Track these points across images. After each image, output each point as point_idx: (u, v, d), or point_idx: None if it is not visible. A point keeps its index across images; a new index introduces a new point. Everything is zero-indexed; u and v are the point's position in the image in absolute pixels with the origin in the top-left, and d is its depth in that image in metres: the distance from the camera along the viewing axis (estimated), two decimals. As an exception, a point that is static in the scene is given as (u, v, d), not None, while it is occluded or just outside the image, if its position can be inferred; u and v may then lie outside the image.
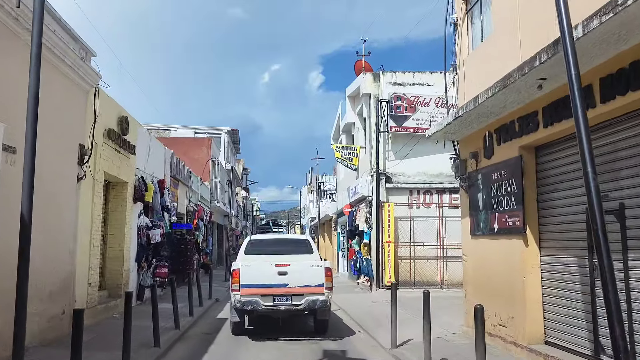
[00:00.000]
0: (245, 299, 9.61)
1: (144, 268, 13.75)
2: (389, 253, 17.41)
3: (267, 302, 9.59)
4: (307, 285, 9.71)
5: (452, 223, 17.72)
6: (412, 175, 18.20)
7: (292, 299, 9.66)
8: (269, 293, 9.61)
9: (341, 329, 11.26)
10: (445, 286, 17.47)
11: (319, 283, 9.75)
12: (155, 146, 15.55)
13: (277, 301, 9.65)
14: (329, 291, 9.86)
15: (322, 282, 9.76)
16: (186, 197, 20.97)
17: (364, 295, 17.13)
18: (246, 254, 11.07)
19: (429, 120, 18.06)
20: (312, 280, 9.72)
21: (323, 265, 10.09)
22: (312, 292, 9.67)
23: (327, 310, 10.04)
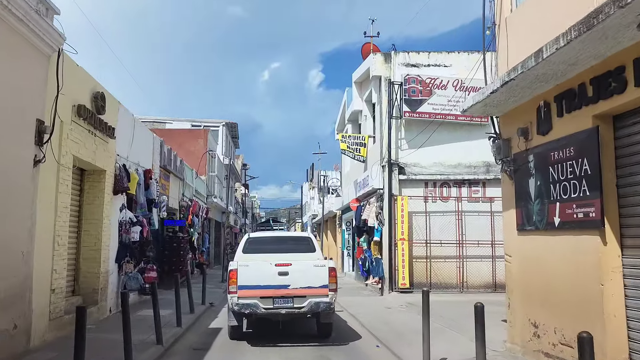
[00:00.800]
0: (243, 302, 8.95)
1: (125, 270, 12.00)
2: (403, 252, 15.68)
3: (266, 305, 8.94)
4: (310, 287, 9.03)
5: (473, 218, 16.01)
6: (428, 166, 16.46)
7: (294, 301, 8.99)
8: (268, 295, 8.96)
9: (353, 340, 9.57)
10: (465, 289, 15.74)
11: (323, 284, 9.05)
12: (142, 132, 13.80)
13: (278, 304, 8.99)
14: (333, 293, 9.16)
15: (326, 283, 9.06)
16: (179, 191, 19.23)
17: (374, 300, 15.39)
18: (244, 253, 10.34)
19: (446, 104, 16.33)
20: (316, 281, 9.05)
21: (327, 264, 9.35)
22: (315, 293, 8.99)
23: (332, 313, 9.39)
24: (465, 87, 16.35)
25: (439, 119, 16.23)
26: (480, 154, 16.50)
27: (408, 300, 14.18)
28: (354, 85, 21.03)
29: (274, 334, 9.88)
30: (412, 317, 11.51)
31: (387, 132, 16.28)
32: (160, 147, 15.89)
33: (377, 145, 17.63)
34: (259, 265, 9.27)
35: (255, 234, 12.24)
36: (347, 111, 23.10)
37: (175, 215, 18.91)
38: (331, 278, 9.13)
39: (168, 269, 18.19)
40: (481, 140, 16.39)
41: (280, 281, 8.98)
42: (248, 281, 8.98)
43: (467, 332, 9.59)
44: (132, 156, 12.80)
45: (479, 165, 16.50)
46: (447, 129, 16.30)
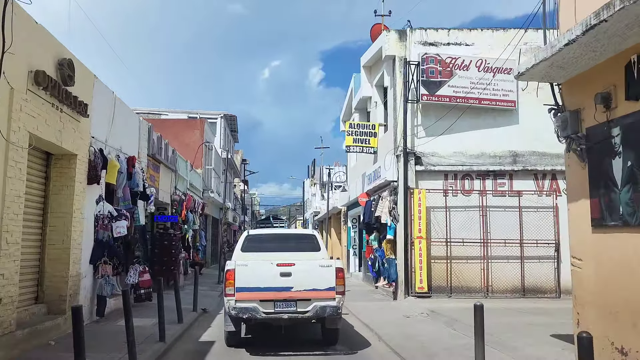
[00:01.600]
0: (241, 306, 8.27)
1: (102, 272, 10.27)
2: (420, 251, 13.96)
3: (267, 309, 8.29)
4: (315, 289, 8.39)
5: (498, 215, 14.31)
6: (447, 155, 14.72)
7: (297, 305, 8.35)
8: (269, 298, 8.32)
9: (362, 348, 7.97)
10: (490, 293, 14.02)
11: (329, 286, 8.40)
12: (125, 114, 12.06)
13: (280, 307, 8.34)
14: (340, 296, 8.47)
15: (333, 285, 8.40)
16: (171, 184, 17.50)
17: (388, 306, 13.67)
18: (243, 252, 9.54)
19: (468, 87, 14.59)
20: (321, 283, 8.41)
21: (334, 264, 8.65)
22: (320, 296, 8.35)
23: (339, 318, 8.66)
24: (490, 68, 14.62)
25: (460, 102, 14.49)
26: (506, 143, 14.81)
27: (428, 306, 12.46)
28: (362, 70, 19.28)
29: (276, 341, 9.13)
30: (440, 330, 9.80)
31: (403, 117, 14.54)
32: (149, 133, 14.15)
33: (390, 133, 15.91)
34: (259, 265, 8.58)
35: (255, 231, 11.06)
36: (354, 99, 21.35)
37: (166, 210, 17.20)
38: (338, 280, 8.44)
39: (158, 269, 16.46)
40: (507, 127, 14.75)
41: (283, 283, 8.31)
42: (247, 282, 8.31)
43: (513, 350, 7.89)
44: (113, 140, 11.07)
45: (504, 155, 14.77)
46: (469, 114, 14.57)
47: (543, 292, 14.05)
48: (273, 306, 8.28)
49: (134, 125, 12.96)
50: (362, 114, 20.82)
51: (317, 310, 8.24)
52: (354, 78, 21.65)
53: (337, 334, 8.94)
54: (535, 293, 14.02)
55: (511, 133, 14.81)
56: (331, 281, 8.38)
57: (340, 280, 8.45)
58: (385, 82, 16.54)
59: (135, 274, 12.02)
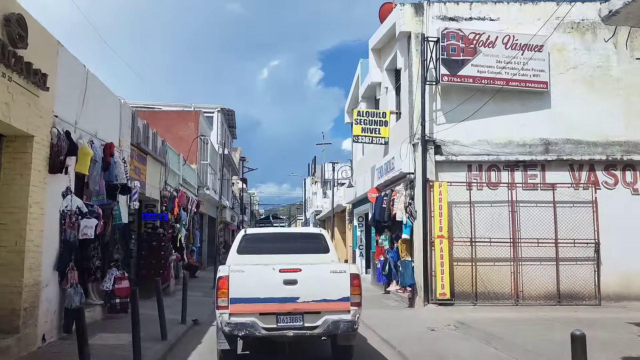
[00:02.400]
0: (237, 320, 6.84)
1: (71, 280, 8.57)
2: (442, 253, 12.27)
3: (268, 324, 6.89)
4: (326, 300, 6.96)
5: (530, 210, 12.66)
6: (471, 144, 13.03)
7: (305, 319, 6.93)
8: (271, 311, 6.91)
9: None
10: (520, 300, 12.34)
11: (343, 296, 6.99)
12: (101, 93, 10.36)
13: (283, 322, 6.91)
14: (356, 308, 7.04)
15: (348, 295, 6.99)
16: (160, 178, 15.80)
17: (405, 314, 11.98)
18: (239, 254, 8.26)
19: (494, 66, 12.90)
20: (333, 293, 7.00)
21: (348, 270, 7.19)
22: (332, 309, 6.96)
23: (354, 334, 7.28)
24: (519, 45, 12.93)
25: (485, 84, 12.80)
26: (536, 130, 13.14)
27: (454, 316, 10.76)
28: (370, 54, 17.57)
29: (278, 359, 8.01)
30: (480, 350, 8.12)
31: (421, 100, 12.83)
32: (132, 119, 12.45)
33: (404, 120, 14.22)
34: (258, 271, 7.16)
35: (254, 229, 9.38)
36: (361, 87, 19.65)
37: (155, 208, 15.50)
38: (354, 288, 7.04)
39: (146, 273, 14.82)
40: (538, 112, 13.12)
41: (287, 292, 6.89)
42: (243, 292, 6.89)
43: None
44: (85, 123, 9.37)
45: (535, 143, 13.08)
46: (495, 97, 12.88)
47: (581, 299, 12.36)
48: (275, 320, 6.87)
49: (114, 109, 11.26)
50: (370, 102, 19.12)
51: (328, 325, 6.86)
52: (361, 64, 19.96)
53: (351, 352, 7.65)
54: (572, 300, 12.33)
55: (542, 119, 13.12)
56: (345, 290, 6.97)
57: (357, 289, 7.03)
58: (398, 64, 14.84)
59: (111, 280, 10.33)
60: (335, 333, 6.98)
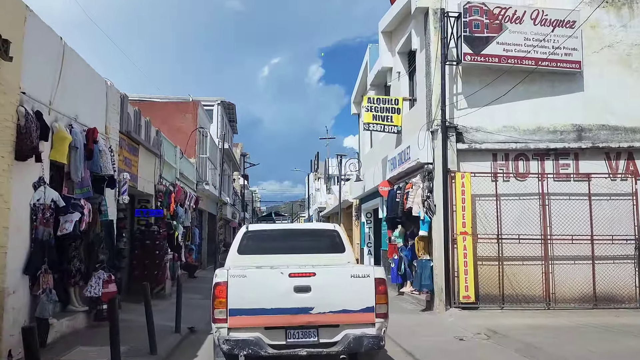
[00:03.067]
0: (237, 337, 5.66)
1: (43, 285, 7.36)
2: (465, 251, 11.04)
3: (276, 341, 5.71)
4: (346, 310, 5.79)
5: (562, 204, 11.44)
6: (496, 130, 11.80)
7: (320, 333, 5.76)
8: (279, 324, 5.74)
9: None
10: (552, 303, 11.12)
11: (366, 306, 5.82)
12: (82, 72, 9.14)
13: (294, 338, 5.73)
14: (382, 320, 5.88)
15: (372, 305, 5.83)
16: (155, 172, 14.59)
17: (427, 320, 10.77)
18: (240, 254, 7.17)
19: (522, 44, 11.66)
20: (355, 301, 5.82)
21: (372, 273, 5.96)
22: (354, 321, 5.81)
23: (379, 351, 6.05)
24: (549, 21, 11.69)
25: (512, 64, 11.56)
26: (568, 115, 11.92)
27: (482, 323, 9.55)
28: (381, 37, 16.30)
29: None
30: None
31: (440, 82, 11.59)
32: (121, 104, 11.23)
33: (421, 106, 13.00)
34: (264, 276, 6.05)
35: (257, 225, 8.14)
36: (369, 73, 18.40)
37: (149, 203, 14.30)
38: (380, 296, 5.87)
39: (139, 274, 13.63)
40: (569, 95, 11.91)
41: (298, 301, 5.73)
42: (245, 302, 5.73)
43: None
44: (62, 104, 8.16)
45: (567, 129, 11.84)
46: (522, 79, 11.63)
47: (619, 302, 11.13)
48: (285, 336, 5.74)
49: (99, 91, 10.04)
50: (380, 90, 17.86)
51: (349, 341, 5.72)
52: (370, 49, 18.72)
53: None
54: (609, 302, 11.10)
55: (574, 102, 11.89)
56: (369, 298, 5.83)
57: (383, 297, 5.92)
58: (413, 45, 13.59)
59: (98, 284, 9.14)
60: (357, 351, 5.82)
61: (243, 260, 7.01)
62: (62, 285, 8.87)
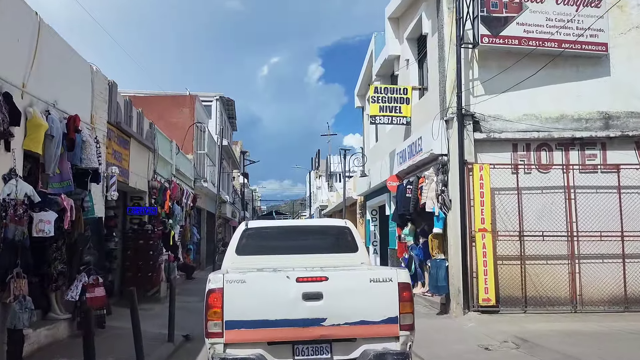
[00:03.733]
0: (236, 354, 4.70)
1: (15, 291, 6.46)
2: (484, 249, 10.15)
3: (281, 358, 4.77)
4: (365, 322, 4.82)
5: (589, 197, 10.54)
6: (516, 119, 10.89)
7: (334, 349, 4.84)
8: (285, 338, 4.79)
9: None
10: (579, 305, 10.22)
11: (389, 316, 4.85)
12: (61, 52, 8.24)
13: (303, 355, 4.80)
14: (408, 333, 4.91)
15: (396, 315, 4.85)
16: (148, 167, 13.69)
17: (445, 325, 9.87)
18: (239, 255, 6.27)
19: (544, 25, 10.74)
20: (375, 311, 4.86)
21: (395, 277, 4.94)
22: (374, 334, 4.83)
23: None
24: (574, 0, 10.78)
25: (533, 46, 10.65)
26: (593, 101, 11.00)
27: (507, 329, 8.66)
28: (387, 24, 15.42)
29: None
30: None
31: (456, 67, 10.69)
32: (109, 92, 10.32)
33: (433, 94, 12.12)
34: (266, 281, 5.03)
35: (257, 222, 7.09)
36: (375, 63, 17.49)
37: (142, 200, 13.41)
38: (404, 304, 4.91)
39: (132, 276, 12.77)
40: (595, 80, 11.00)
41: (308, 311, 4.81)
42: (245, 312, 4.79)
43: None
44: (37, 88, 7.26)
45: (592, 117, 10.93)
46: (543, 63, 10.72)
47: (653, 303, 10.24)
48: (292, 353, 4.85)
49: (83, 77, 9.13)
50: (386, 81, 16.95)
51: (369, 359, 4.76)
52: (375, 38, 17.80)
53: None
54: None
55: (600, 88, 10.98)
56: (392, 307, 4.89)
57: (408, 306, 4.95)
58: (423, 29, 12.69)
59: (77, 287, 8.24)
60: None
61: (242, 262, 6.13)
62: (42, 290, 8.04)
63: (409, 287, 4.96)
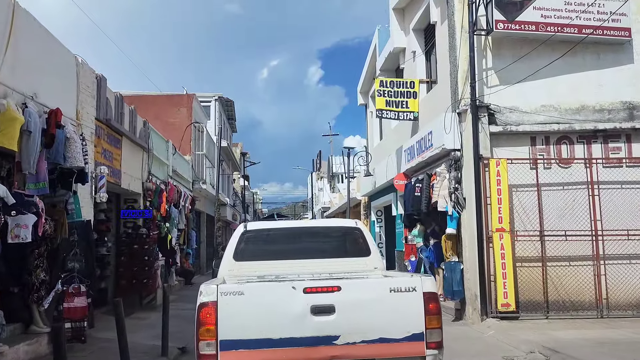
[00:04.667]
0: None
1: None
2: (503, 251, 9.42)
3: None
4: (385, 340, 4.06)
5: (614, 193, 9.79)
6: (533, 110, 10.18)
7: None
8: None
9: None
10: (606, 310, 9.48)
11: (413, 332, 4.08)
12: (41, 40, 7.55)
13: None
14: (436, 352, 4.13)
15: (422, 331, 4.09)
16: (142, 168, 12.98)
17: (462, 332, 9.11)
18: (237, 261, 5.57)
19: (563, 10, 10.03)
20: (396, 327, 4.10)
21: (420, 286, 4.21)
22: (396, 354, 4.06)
23: None
24: (594, -19, 10.05)
25: (552, 32, 9.94)
26: (616, 91, 10.28)
27: (532, 337, 7.92)
28: (392, 15, 14.72)
29: None
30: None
31: (469, 55, 9.98)
32: (98, 87, 9.63)
33: (442, 86, 11.43)
34: (268, 291, 4.34)
35: (257, 223, 6.39)
36: (379, 58, 16.79)
37: (136, 203, 12.70)
38: (431, 318, 4.17)
39: (126, 283, 12.07)
40: (617, 68, 10.24)
41: (317, 328, 4.10)
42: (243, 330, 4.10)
43: None
44: (12, 78, 6.57)
45: (615, 107, 10.21)
46: (562, 50, 10.01)
47: (684, 307, 9.51)
48: None
49: (67, 69, 8.43)
50: (391, 75, 16.17)
51: None
52: (378, 31, 17.10)
53: None
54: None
55: (623, 76, 10.27)
56: (417, 321, 4.20)
57: (435, 320, 4.26)
58: (432, 17, 11.99)
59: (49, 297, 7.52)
60: None
61: (240, 268, 5.44)
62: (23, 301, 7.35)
63: (436, 297, 4.25)
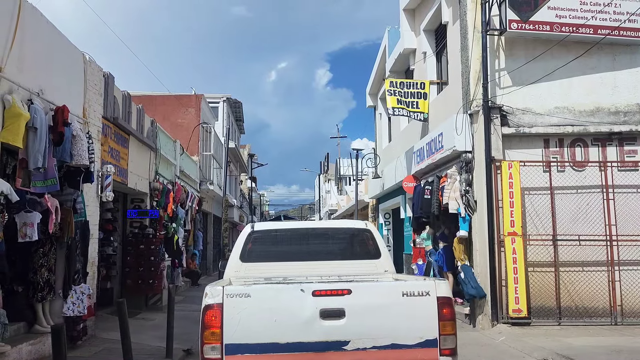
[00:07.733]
0: None
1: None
2: (515, 255, 9.22)
3: None
4: (397, 345, 3.93)
5: (630, 197, 9.58)
6: (546, 112, 9.98)
7: None
8: None
9: None
10: (620, 317, 9.25)
11: (426, 338, 3.94)
12: (46, 34, 7.46)
13: None
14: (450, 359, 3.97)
15: (435, 337, 3.94)
16: (150, 167, 12.89)
17: (473, 338, 8.90)
18: (244, 262, 5.47)
19: (578, 9, 9.84)
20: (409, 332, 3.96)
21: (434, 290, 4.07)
22: None
23: None
24: (610, -19, 9.85)
25: (567, 33, 9.75)
26: (632, 93, 10.07)
27: (545, 344, 7.73)
28: (402, 16, 14.58)
29: None
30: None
31: (481, 55, 9.81)
32: (106, 85, 9.54)
33: (453, 87, 11.25)
34: (276, 294, 4.21)
35: (265, 224, 6.50)
36: (388, 59, 16.64)
37: (143, 203, 12.61)
38: (445, 324, 4.02)
39: (132, 284, 12.00)
40: (633, 69, 10.05)
41: (327, 333, 3.96)
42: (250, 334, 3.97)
43: None
44: (18, 73, 6.48)
45: (631, 110, 10.00)
46: (577, 51, 9.82)
47: (701, 315, 9.26)
48: None
49: (74, 66, 8.34)
50: (400, 76, 16.01)
51: None
52: (388, 32, 16.95)
53: None
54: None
55: (639, 78, 10.06)
56: (430, 327, 4.05)
57: (449, 325, 4.10)
58: (443, 18, 11.83)
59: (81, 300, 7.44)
60: None
61: (247, 270, 5.31)
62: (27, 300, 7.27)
63: (450, 302, 4.09)
